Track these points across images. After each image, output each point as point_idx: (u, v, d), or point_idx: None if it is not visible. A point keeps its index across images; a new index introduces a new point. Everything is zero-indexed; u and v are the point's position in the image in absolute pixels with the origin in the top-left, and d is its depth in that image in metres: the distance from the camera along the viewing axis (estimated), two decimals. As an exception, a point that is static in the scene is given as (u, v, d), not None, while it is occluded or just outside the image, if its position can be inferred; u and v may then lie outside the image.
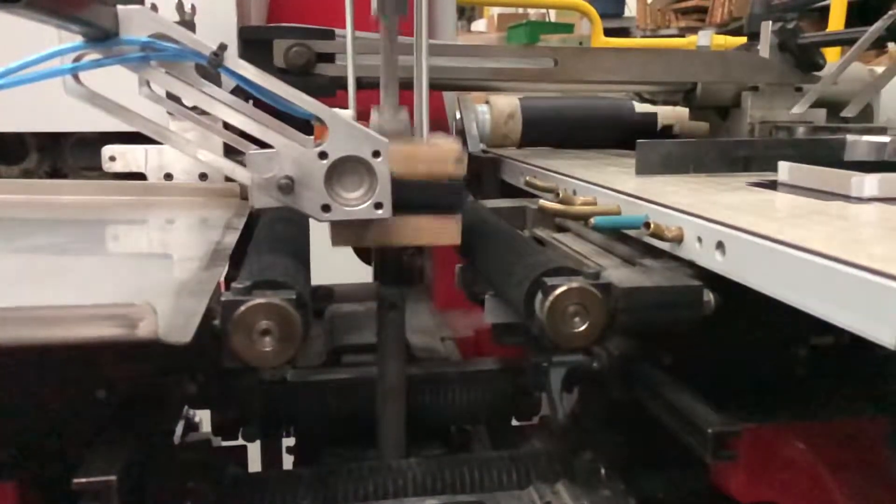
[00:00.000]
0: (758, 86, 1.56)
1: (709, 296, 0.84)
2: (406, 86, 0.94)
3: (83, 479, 0.81)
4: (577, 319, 0.79)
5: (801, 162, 1.06)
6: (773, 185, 1.09)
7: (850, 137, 1.28)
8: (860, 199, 0.93)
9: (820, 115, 1.54)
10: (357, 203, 0.86)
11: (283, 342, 0.75)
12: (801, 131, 1.47)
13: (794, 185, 1.07)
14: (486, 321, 1.16)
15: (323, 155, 0.84)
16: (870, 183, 0.94)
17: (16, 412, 0.93)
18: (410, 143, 0.94)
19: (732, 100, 1.58)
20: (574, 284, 0.79)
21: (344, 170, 0.85)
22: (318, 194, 0.85)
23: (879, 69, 1.70)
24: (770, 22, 1.55)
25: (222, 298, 0.75)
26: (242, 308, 0.74)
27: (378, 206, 0.86)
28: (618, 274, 0.85)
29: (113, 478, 0.81)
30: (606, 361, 1.03)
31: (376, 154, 0.85)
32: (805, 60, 1.53)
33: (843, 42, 1.56)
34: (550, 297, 0.78)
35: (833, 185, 0.98)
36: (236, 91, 0.88)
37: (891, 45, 3.65)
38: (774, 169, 1.11)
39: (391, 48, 0.93)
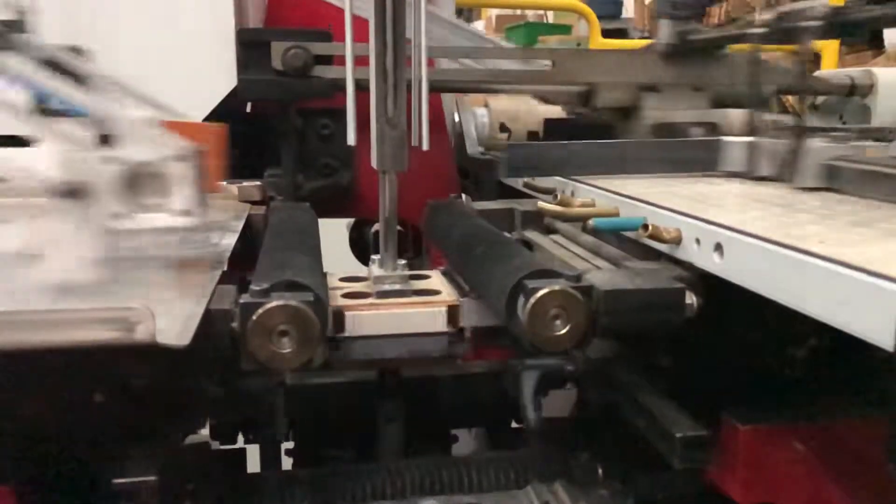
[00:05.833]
0: (655, 86, 1.50)
1: (691, 298, 0.83)
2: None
3: (123, 480, 0.81)
4: (558, 322, 0.78)
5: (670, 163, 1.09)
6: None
7: (724, 139, 1.24)
8: None
9: (719, 116, 1.45)
10: (158, 210, 0.79)
11: (302, 344, 0.74)
12: (696, 132, 1.40)
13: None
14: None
15: (112, 160, 0.77)
16: None
17: (14, 414, 0.93)
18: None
19: (631, 100, 1.51)
20: (555, 287, 0.78)
21: (141, 176, 0.78)
22: (108, 201, 0.77)
23: (878, 69, 1.71)
24: (669, 20, 1.48)
25: (241, 301, 0.74)
26: (261, 310, 0.73)
27: (185, 213, 0.80)
28: (600, 276, 0.84)
29: (153, 478, 0.81)
30: (581, 364, 1.02)
31: (180, 158, 0.78)
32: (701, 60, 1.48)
33: (734, 40, 1.48)
34: (532, 300, 0.77)
35: None
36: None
37: (889, 45, 3.65)
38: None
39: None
